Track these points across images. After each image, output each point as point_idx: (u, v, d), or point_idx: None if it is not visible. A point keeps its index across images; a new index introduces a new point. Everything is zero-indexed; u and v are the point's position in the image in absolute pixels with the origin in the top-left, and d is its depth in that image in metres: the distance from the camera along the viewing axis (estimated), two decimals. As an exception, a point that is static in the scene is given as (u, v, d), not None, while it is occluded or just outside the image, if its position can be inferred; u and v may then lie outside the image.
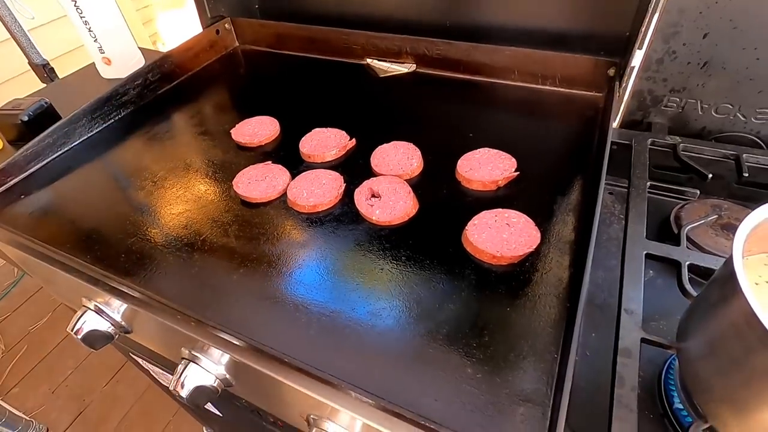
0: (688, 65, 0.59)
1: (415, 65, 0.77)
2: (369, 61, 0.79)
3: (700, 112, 0.62)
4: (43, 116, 0.73)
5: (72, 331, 0.51)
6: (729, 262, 0.29)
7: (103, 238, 0.51)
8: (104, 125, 0.69)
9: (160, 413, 1.38)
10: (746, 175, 0.55)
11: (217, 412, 0.81)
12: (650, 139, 0.60)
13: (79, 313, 0.51)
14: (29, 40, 0.89)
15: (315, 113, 0.68)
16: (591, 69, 0.64)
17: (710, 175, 0.55)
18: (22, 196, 0.58)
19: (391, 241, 0.47)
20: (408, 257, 0.45)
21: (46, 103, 0.74)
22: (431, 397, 0.34)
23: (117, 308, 0.50)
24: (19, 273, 1.86)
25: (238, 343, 0.39)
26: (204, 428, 1.26)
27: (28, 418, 1.10)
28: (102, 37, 0.86)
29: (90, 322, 0.51)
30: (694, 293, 0.41)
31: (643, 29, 0.56)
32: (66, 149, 0.65)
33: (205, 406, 0.81)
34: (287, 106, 0.71)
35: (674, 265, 0.46)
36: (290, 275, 0.45)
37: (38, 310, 1.73)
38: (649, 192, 0.53)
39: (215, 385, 0.45)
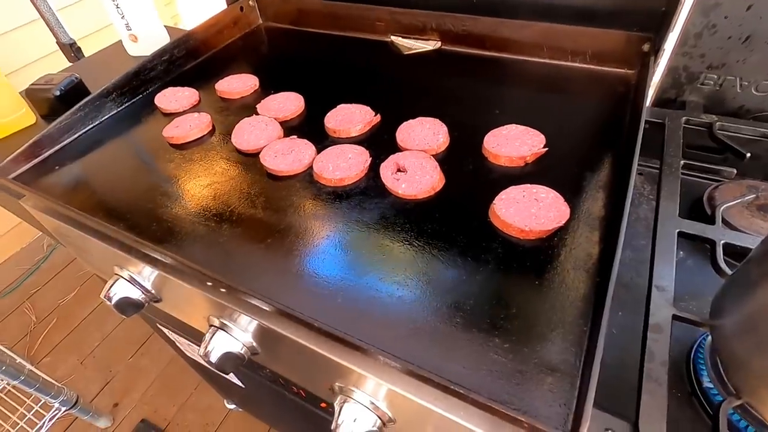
0: (728, 40, 0.57)
1: (440, 42, 0.75)
2: (393, 38, 0.78)
3: (738, 90, 0.60)
4: (74, 91, 0.75)
5: (105, 297, 0.53)
6: (773, 236, 0.28)
7: (134, 207, 0.52)
8: (133, 100, 0.71)
9: (183, 385, 1.43)
10: (787, 155, 0.53)
11: (240, 384, 0.83)
12: (684, 118, 0.58)
13: (111, 280, 0.53)
14: (57, 19, 0.91)
15: (339, 90, 0.68)
16: (624, 45, 0.62)
17: (748, 155, 0.53)
18: (57, 167, 0.59)
19: (417, 214, 0.47)
20: (434, 230, 0.45)
21: (76, 78, 0.76)
22: (459, 364, 0.34)
23: (148, 276, 0.51)
24: (48, 248, 1.93)
25: (267, 308, 0.40)
26: (225, 401, 1.30)
27: (60, 385, 1.15)
28: (129, 14, 0.87)
29: (122, 290, 0.52)
30: (729, 272, 0.40)
31: (682, 2, 0.54)
32: (97, 123, 0.66)
33: (228, 378, 0.83)
34: (311, 82, 0.71)
35: (707, 245, 0.45)
36: (317, 246, 0.45)
37: (66, 284, 1.80)
38: (681, 172, 0.51)
39: (242, 352, 0.47)
